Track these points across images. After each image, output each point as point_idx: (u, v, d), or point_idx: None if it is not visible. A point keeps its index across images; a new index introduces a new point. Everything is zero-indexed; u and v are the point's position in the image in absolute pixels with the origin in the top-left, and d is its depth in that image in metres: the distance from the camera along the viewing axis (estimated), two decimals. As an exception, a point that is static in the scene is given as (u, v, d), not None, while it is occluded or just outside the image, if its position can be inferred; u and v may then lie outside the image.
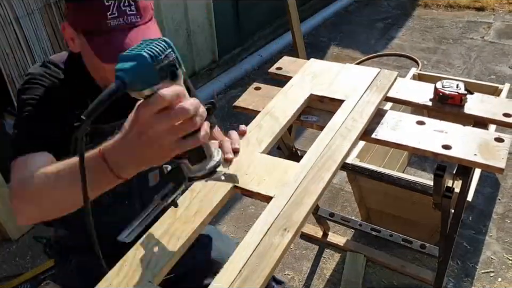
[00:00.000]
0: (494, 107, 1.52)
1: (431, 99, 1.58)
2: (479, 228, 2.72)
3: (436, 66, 4.52)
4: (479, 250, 2.58)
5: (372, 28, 5.39)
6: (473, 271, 2.46)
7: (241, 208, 2.96)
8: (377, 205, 2.58)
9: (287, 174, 1.18)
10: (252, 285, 0.91)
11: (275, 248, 0.98)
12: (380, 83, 1.58)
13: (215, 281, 0.93)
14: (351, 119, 1.39)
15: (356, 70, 1.69)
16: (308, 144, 1.27)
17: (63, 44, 3.17)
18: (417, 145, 1.36)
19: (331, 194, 3.02)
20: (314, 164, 1.20)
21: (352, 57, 4.73)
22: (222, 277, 0.94)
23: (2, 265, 2.65)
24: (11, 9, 2.86)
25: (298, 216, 1.05)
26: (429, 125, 1.45)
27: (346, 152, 1.26)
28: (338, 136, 1.32)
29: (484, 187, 2.98)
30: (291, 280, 2.47)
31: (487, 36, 5.03)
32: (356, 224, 2.38)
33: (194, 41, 4.27)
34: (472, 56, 4.65)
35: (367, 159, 2.60)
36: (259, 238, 1.01)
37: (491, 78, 4.21)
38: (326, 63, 1.76)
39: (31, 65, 3.01)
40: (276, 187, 1.14)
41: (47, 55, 3.09)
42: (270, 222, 1.04)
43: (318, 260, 2.58)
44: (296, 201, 1.09)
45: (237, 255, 0.98)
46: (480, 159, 1.29)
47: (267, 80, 1.86)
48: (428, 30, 5.26)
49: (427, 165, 3.20)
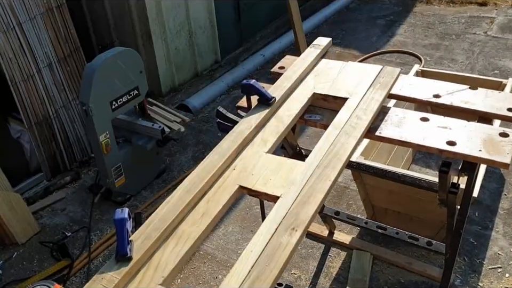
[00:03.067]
0: (498, 102, 1.52)
1: (435, 95, 1.57)
2: (485, 223, 2.71)
3: (439, 62, 4.50)
4: (486, 246, 2.57)
5: (374, 25, 5.38)
6: (480, 267, 2.46)
7: (247, 208, 2.96)
8: (383, 202, 2.58)
9: (293, 173, 1.18)
10: (261, 285, 0.91)
11: (283, 247, 0.98)
12: (383, 80, 1.58)
13: (225, 281, 0.94)
14: (355, 116, 1.40)
15: (358, 68, 1.69)
16: (311, 143, 1.27)
17: (65, 46, 3.18)
18: (422, 142, 1.36)
19: (336, 192, 3.02)
20: (320, 163, 1.20)
21: (354, 55, 4.72)
22: (232, 278, 0.94)
23: (10, 269, 2.66)
24: (13, 15, 2.87)
25: (306, 215, 1.05)
26: (433, 121, 1.45)
27: (351, 150, 1.26)
28: (343, 134, 1.32)
29: (490, 182, 2.97)
30: (298, 279, 2.46)
31: (490, 30, 5.02)
32: (362, 222, 2.38)
33: (196, 42, 4.27)
34: (476, 51, 4.63)
35: (372, 157, 2.59)
36: (267, 238, 1.01)
37: (495, 73, 4.20)
38: (328, 61, 1.76)
39: (34, 68, 3.02)
40: (282, 186, 1.14)
41: (49, 59, 3.10)
42: (278, 221, 1.04)
43: (324, 258, 2.58)
44: (303, 200, 1.09)
45: (245, 256, 0.98)
46: (485, 155, 1.29)
47: (270, 80, 1.86)
48: (430, 26, 5.24)
49: (432, 162, 3.20)
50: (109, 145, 2.79)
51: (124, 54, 2.75)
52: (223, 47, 4.60)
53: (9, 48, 2.88)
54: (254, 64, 4.69)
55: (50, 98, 3.16)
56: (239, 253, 1.66)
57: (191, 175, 1.19)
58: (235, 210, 2.94)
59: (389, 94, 1.62)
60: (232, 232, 2.81)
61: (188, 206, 1.12)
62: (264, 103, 1.48)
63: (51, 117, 3.18)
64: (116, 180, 2.93)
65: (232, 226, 2.85)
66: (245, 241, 2.73)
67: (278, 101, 1.50)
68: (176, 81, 4.23)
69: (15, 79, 2.94)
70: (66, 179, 3.29)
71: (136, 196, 3.13)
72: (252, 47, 4.95)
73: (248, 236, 2.75)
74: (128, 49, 2.80)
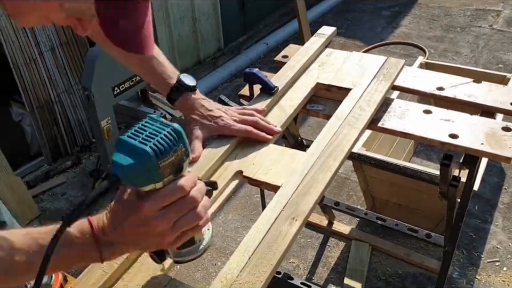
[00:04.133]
0: (502, 96, 1.51)
1: (438, 88, 1.57)
2: (485, 217, 2.71)
3: (443, 55, 4.48)
4: (485, 240, 2.58)
5: (379, 16, 5.34)
6: (478, 260, 2.47)
7: (247, 197, 2.96)
8: (383, 194, 2.58)
9: (294, 163, 1.18)
10: (260, 274, 0.92)
11: (283, 236, 0.98)
12: (387, 71, 1.57)
13: (224, 269, 0.94)
14: (359, 107, 1.39)
15: (362, 58, 1.68)
16: (312, 133, 1.27)
17: (68, 29, 3.17)
18: (424, 134, 1.36)
19: (337, 183, 3.02)
20: (322, 153, 1.20)
21: (358, 46, 4.69)
22: (231, 265, 0.94)
23: (10, 252, 2.68)
24: (16, -3, 2.85)
25: (306, 205, 1.05)
26: (436, 114, 1.44)
27: (353, 141, 1.25)
28: (346, 125, 1.31)
29: (490, 176, 2.97)
30: (296, 268, 2.48)
31: (495, 24, 4.98)
32: (361, 213, 2.38)
33: (199, 29, 4.25)
34: (480, 44, 4.60)
35: (373, 148, 2.59)
36: (267, 227, 1.01)
37: (499, 67, 4.18)
38: (332, 51, 1.75)
39: (36, 52, 3.01)
40: (283, 176, 1.14)
41: (52, 42, 3.09)
42: (278, 211, 1.05)
43: (323, 248, 2.59)
44: (304, 190, 1.09)
45: (245, 244, 0.98)
46: (487, 148, 1.29)
47: (273, 69, 1.84)
48: (435, 18, 5.20)
49: (433, 154, 3.19)
50: (110, 130, 2.78)
51: (126, 40, 2.73)
52: (226, 34, 4.57)
53: (12, 31, 2.86)
54: (257, 53, 4.67)
55: (52, 82, 3.15)
56: (239, 241, 1.67)
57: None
58: (235, 199, 2.95)
59: (392, 86, 1.62)
60: (231, 220, 2.82)
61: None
62: (267, 92, 1.47)
63: (53, 101, 3.18)
64: (117, 166, 2.93)
65: (232, 214, 2.86)
66: (244, 229, 2.74)
67: (281, 90, 1.49)
68: (178, 68, 4.20)
69: (17, 62, 2.93)
70: (67, 163, 3.29)
71: (136, 182, 3.14)
72: (255, 35, 4.92)
73: (248, 224, 2.76)
74: (131, 35, 2.78)
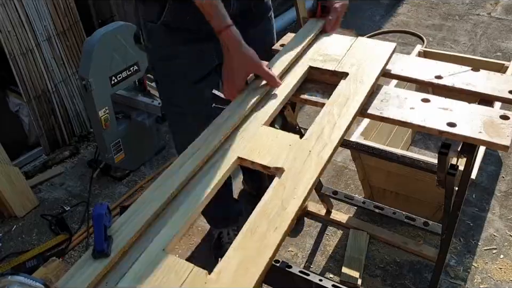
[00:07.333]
0: (500, 84, 1.51)
1: (436, 76, 1.56)
2: (482, 205, 2.73)
3: (442, 43, 4.46)
4: (482, 228, 2.59)
5: (377, 4, 5.31)
6: (475, 248, 2.48)
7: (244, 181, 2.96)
8: (381, 182, 2.59)
9: (289, 147, 1.19)
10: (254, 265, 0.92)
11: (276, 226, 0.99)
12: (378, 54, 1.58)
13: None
14: (353, 92, 1.40)
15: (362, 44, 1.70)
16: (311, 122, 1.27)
17: (65, 20, 3.15)
18: (422, 123, 1.36)
19: (335, 172, 3.03)
20: (318, 140, 1.20)
21: (356, 34, 4.66)
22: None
23: (9, 242, 2.69)
24: (12, -14, 2.83)
25: (301, 191, 1.06)
26: (434, 102, 1.44)
27: (346, 126, 1.26)
28: (338, 110, 1.32)
29: (488, 165, 2.98)
30: (294, 256, 2.49)
31: (494, 12, 4.96)
32: (359, 202, 2.39)
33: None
34: (478, 32, 4.59)
35: (371, 137, 2.59)
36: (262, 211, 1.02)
37: (497, 55, 4.17)
38: (329, 36, 1.78)
39: (32, 42, 2.99)
40: (279, 159, 1.15)
41: (49, 32, 3.07)
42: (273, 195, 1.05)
43: (321, 237, 2.60)
44: (299, 177, 1.09)
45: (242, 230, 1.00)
46: (485, 137, 1.29)
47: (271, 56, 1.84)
48: (434, 6, 5.18)
49: (431, 143, 3.20)
50: (108, 120, 2.78)
51: (123, 29, 2.71)
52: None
53: (8, 21, 2.84)
54: (255, 42, 4.64)
55: (49, 72, 3.14)
56: (237, 230, 1.68)
57: (190, 147, 1.21)
58: (233, 183, 2.95)
59: (390, 75, 1.62)
60: (230, 209, 2.82)
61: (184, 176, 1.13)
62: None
63: (50, 91, 3.17)
64: (115, 155, 2.93)
65: (230, 203, 2.86)
66: (242, 218, 2.75)
67: (277, 76, 1.50)
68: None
69: (13, 53, 2.92)
70: (65, 154, 3.29)
71: (135, 171, 3.14)
72: (253, 24, 4.89)
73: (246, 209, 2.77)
74: (128, 24, 2.76)
